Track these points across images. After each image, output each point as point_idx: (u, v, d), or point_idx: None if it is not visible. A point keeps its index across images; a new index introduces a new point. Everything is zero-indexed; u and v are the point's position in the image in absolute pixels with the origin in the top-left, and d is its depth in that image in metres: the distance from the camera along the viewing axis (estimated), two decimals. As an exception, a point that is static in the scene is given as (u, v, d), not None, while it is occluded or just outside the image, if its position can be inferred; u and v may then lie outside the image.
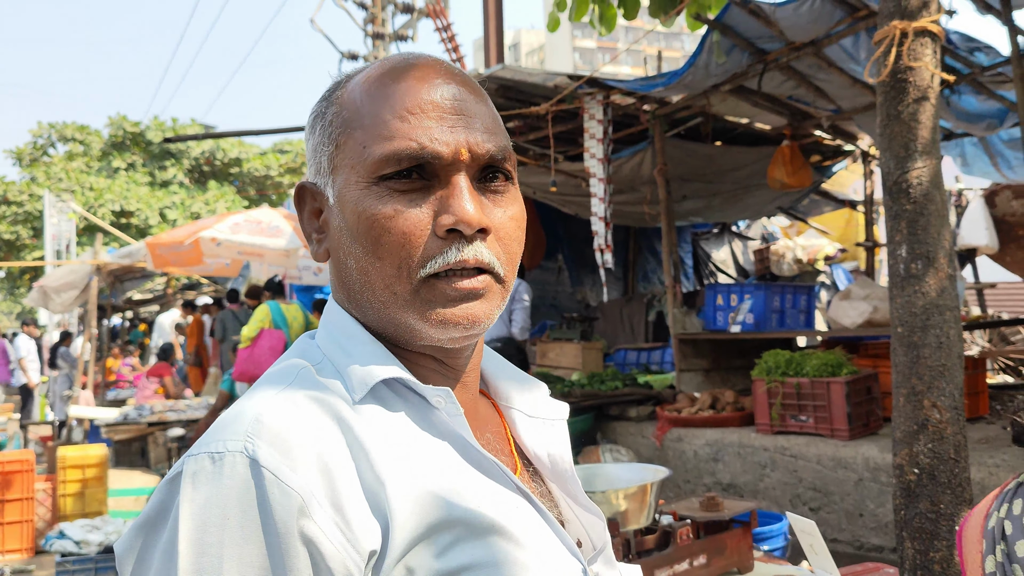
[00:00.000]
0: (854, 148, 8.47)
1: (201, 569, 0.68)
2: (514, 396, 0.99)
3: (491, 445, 0.90)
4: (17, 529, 6.35)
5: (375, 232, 0.82)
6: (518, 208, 0.89)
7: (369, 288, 0.85)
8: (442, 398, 0.83)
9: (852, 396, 5.08)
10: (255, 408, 0.76)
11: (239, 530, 0.69)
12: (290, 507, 0.70)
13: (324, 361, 0.85)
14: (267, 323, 7.43)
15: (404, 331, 0.85)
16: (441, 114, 0.83)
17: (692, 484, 5.74)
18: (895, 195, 3.00)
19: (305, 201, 0.92)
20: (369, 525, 0.73)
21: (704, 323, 7.03)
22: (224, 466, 0.71)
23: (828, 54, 5.89)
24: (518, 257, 0.89)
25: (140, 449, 9.43)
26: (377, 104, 0.85)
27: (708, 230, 11.57)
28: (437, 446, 0.82)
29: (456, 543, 0.76)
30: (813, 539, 2.57)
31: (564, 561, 0.84)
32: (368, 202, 0.83)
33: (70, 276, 10.92)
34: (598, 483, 2.35)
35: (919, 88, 2.97)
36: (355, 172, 0.84)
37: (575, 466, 1.00)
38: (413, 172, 0.83)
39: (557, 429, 0.98)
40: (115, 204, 23.11)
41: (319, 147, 0.89)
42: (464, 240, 0.82)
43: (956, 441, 2.87)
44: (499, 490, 0.83)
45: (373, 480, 0.75)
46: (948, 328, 2.90)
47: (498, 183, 0.87)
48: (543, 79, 6.62)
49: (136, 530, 0.75)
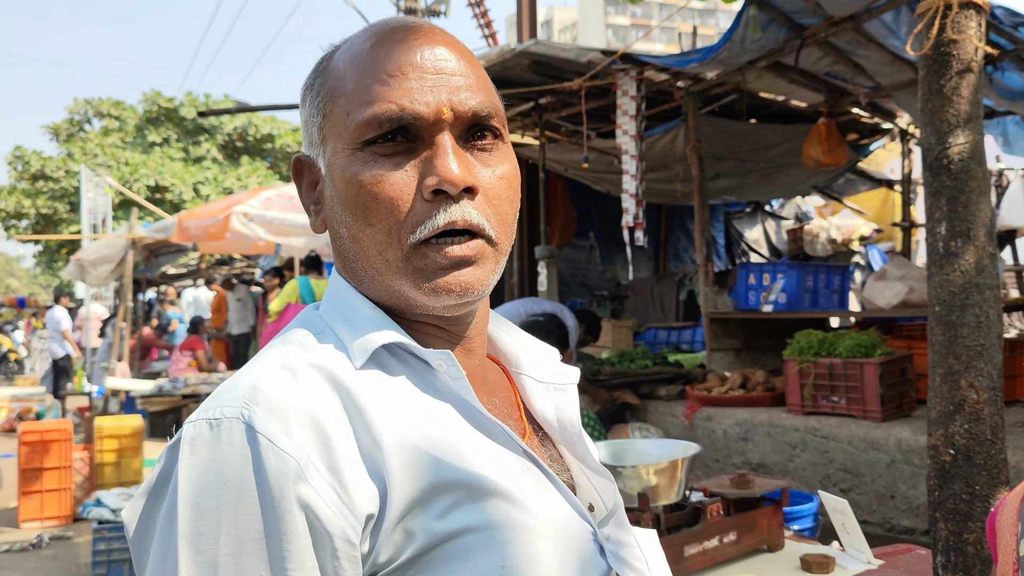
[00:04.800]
0: (892, 126, 8.32)
1: (200, 532, 0.69)
2: (524, 361, 0.98)
3: (498, 410, 0.90)
4: (56, 497, 6.51)
5: (362, 198, 0.82)
6: (509, 167, 0.87)
7: (363, 256, 0.84)
8: (443, 361, 0.82)
9: (886, 377, 5.02)
10: (253, 376, 0.76)
11: (236, 495, 0.69)
12: (286, 472, 0.70)
13: (326, 330, 0.85)
14: (294, 298, 7.50)
15: (400, 299, 0.85)
16: (422, 75, 0.83)
17: (721, 463, 5.72)
18: (935, 171, 2.93)
19: (302, 174, 0.92)
20: (366, 489, 0.73)
21: (735, 302, 6.97)
22: (221, 432, 0.72)
23: (868, 29, 5.77)
24: (511, 218, 0.87)
25: (174, 421, 9.60)
26: (359, 70, 0.84)
27: (741, 209, 11.46)
28: (439, 410, 0.81)
29: (456, 506, 0.75)
30: (845, 518, 2.55)
31: (573, 524, 0.84)
32: (354, 168, 0.82)
33: (106, 250, 11.07)
34: (628, 458, 2.34)
35: (962, 62, 2.90)
36: (341, 139, 0.84)
37: (605, 442, 0.99)
38: (397, 135, 0.82)
39: (568, 393, 0.97)
40: (150, 179, 23.35)
41: (310, 119, 0.89)
42: (451, 200, 0.81)
43: (993, 422, 2.82)
44: (504, 453, 0.82)
45: (370, 444, 0.75)
46: (987, 307, 2.84)
47: (486, 141, 0.86)
48: (576, 55, 6.55)
49: (141, 496, 0.76)
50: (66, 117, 26.56)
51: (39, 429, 6.58)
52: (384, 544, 0.73)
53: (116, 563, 5.04)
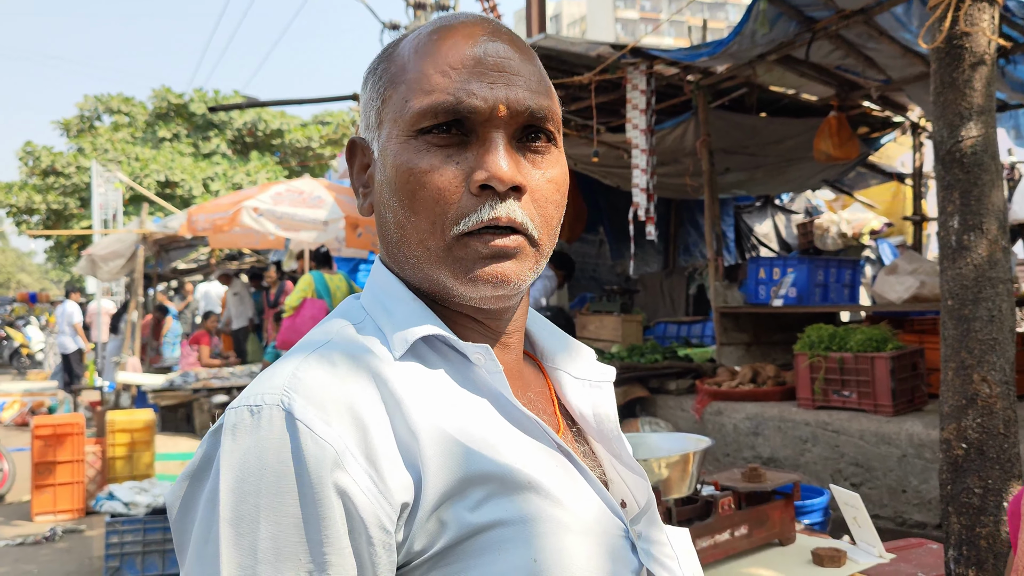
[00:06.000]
0: (903, 120, 8.28)
1: (240, 516, 0.70)
2: (560, 358, 0.99)
3: (533, 404, 0.90)
4: (68, 490, 6.55)
5: (411, 186, 0.83)
6: (559, 171, 0.88)
7: (405, 242, 0.85)
8: (481, 355, 0.83)
9: (897, 372, 5.00)
10: (292, 364, 0.78)
11: (275, 480, 0.71)
12: (324, 459, 0.71)
13: (366, 320, 0.86)
14: (310, 292, 7.52)
15: (439, 288, 0.86)
16: (483, 70, 0.83)
17: (732, 458, 5.71)
18: (948, 164, 2.92)
19: (356, 155, 0.93)
20: (402, 478, 0.74)
21: (745, 297, 6.96)
22: (262, 419, 0.73)
23: (879, 22, 5.74)
24: (556, 222, 0.88)
25: (185, 415, 9.65)
26: (422, 59, 0.85)
27: (751, 203, 11.42)
28: (475, 403, 0.82)
29: (490, 498, 0.76)
30: (857, 512, 2.55)
31: (605, 520, 0.84)
32: (406, 155, 0.83)
33: (117, 245, 11.11)
34: (640, 452, 2.34)
35: (975, 54, 2.89)
36: (396, 126, 0.85)
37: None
38: (452, 127, 0.82)
39: (604, 391, 0.98)
40: (160, 174, 23.41)
41: (369, 102, 0.90)
42: (497, 197, 0.82)
43: (1006, 416, 2.81)
44: (538, 447, 0.83)
45: (407, 434, 0.76)
46: (1000, 301, 2.83)
47: (539, 143, 0.86)
48: (586, 48, 6.54)
49: (183, 479, 0.78)
50: (76, 113, 26.66)
51: (52, 423, 6.62)
52: (418, 533, 0.74)
53: (129, 556, 5.06)
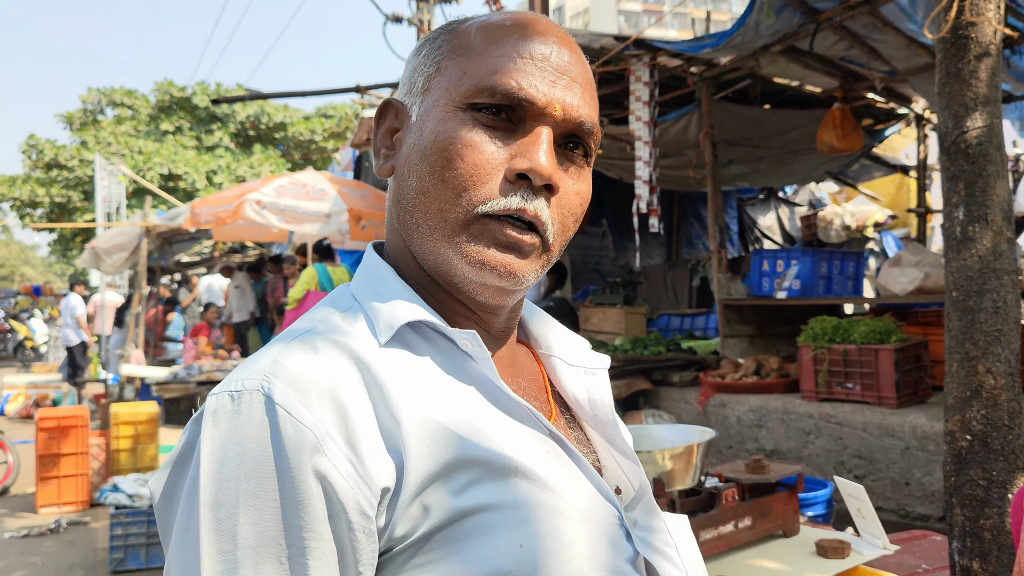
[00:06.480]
0: (908, 111, 8.25)
1: (220, 502, 0.70)
2: (555, 345, 0.99)
3: (524, 391, 0.90)
4: (73, 482, 6.57)
5: (448, 154, 0.83)
6: (585, 186, 0.90)
7: (422, 209, 0.85)
8: (469, 341, 0.83)
9: (901, 364, 4.99)
10: (275, 351, 0.78)
11: (255, 465, 0.71)
12: (303, 443, 0.71)
13: (354, 306, 0.86)
14: (313, 285, 7.53)
15: (442, 264, 0.86)
16: (548, 68, 0.85)
17: (735, 450, 5.71)
18: (953, 155, 2.91)
19: (386, 117, 0.94)
20: (383, 463, 0.74)
21: (749, 289, 6.95)
22: (242, 404, 0.73)
23: (884, 12, 5.71)
24: (570, 233, 0.89)
25: (189, 407, 9.66)
26: (492, 41, 0.86)
27: (754, 195, 11.41)
28: (461, 388, 0.82)
29: (475, 482, 0.76)
30: (861, 503, 2.55)
31: (598, 506, 0.84)
32: (450, 125, 0.84)
33: (120, 238, 11.10)
34: (644, 443, 2.34)
35: (981, 44, 2.87)
36: (447, 95, 0.85)
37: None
38: (503, 111, 0.84)
39: (598, 377, 0.98)
40: (163, 167, 23.44)
41: (418, 68, 0.91)
42: (531, 191, 0.83)
43: (1011, 408, 2.80)
44: (528, 433, 0.83)
45: (389, 419, 0.75)
46: (1005, 292, 2.82)
47: (577, 154, 0.88)
48: (589, 40, 6.52)
49: (166, 467, 0.78)
50: (80, 107, 26.68)
51: (56, 416, 6.64)
52: (400, 519, 0.73)
53: (133, 547, 5.08)
